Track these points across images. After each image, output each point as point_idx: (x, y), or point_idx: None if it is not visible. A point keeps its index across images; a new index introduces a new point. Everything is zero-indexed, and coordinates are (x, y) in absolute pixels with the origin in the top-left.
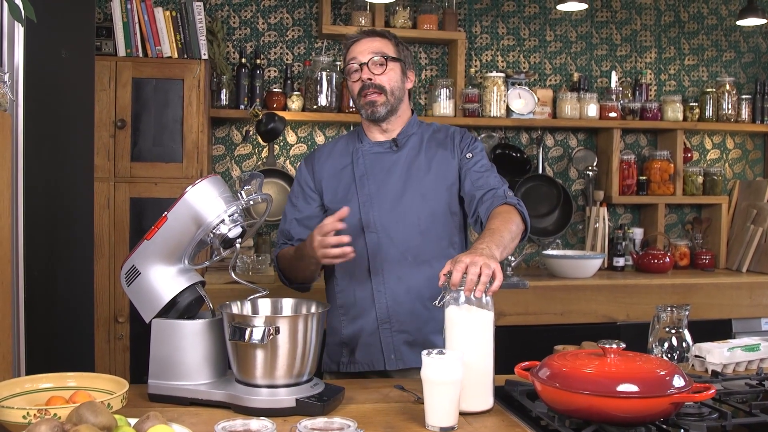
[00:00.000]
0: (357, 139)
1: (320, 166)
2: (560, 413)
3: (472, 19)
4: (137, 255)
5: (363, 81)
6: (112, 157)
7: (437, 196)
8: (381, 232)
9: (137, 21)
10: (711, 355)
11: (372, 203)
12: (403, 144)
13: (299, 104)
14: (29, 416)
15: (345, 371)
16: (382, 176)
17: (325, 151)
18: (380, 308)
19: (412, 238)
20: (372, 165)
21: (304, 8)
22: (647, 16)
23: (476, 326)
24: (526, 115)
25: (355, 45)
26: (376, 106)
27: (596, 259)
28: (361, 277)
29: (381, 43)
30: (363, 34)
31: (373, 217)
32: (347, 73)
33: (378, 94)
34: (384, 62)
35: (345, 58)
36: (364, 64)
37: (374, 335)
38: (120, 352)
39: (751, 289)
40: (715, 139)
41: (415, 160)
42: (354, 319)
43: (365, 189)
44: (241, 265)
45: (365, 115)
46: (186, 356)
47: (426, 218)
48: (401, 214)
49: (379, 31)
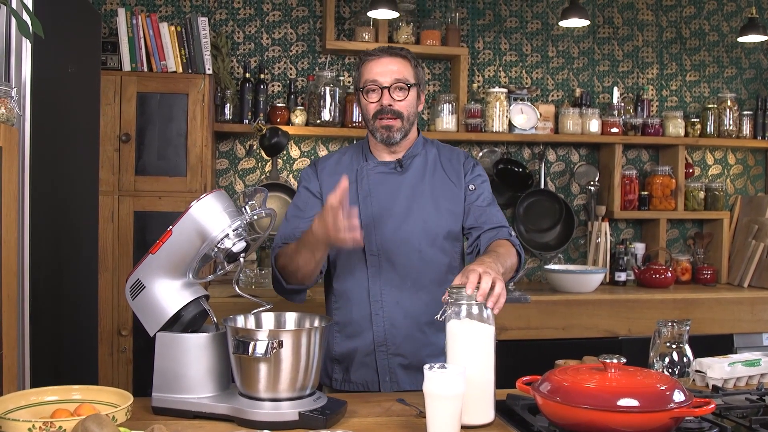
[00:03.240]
0: (362, 156)
1: (326, 178)
2: (561, 427)
3: (474, 35)
4: (142, 269)
5: (381, 105)
6: (116, 170)
7: (439, 222)
8: (382, 255)
9: (142, 36)
10: (712, 370)
11: (374, 225)
12: (408, 166)
13: (303, 119)
14: (35, 429)
15: (339, 388)
16: (386, 198)
17: (330, 164)
18: (377, 331)
19: (413, 263)
20: (376, 186)
21: (308, 24)
22: (649, 33)
23: (477, 340)
24: (528, 130)
25: (375, 63)
26: (392, 131)
27: (598, 273)
28: (360, 298)
29: (402, 66)
30: (383, 53)
31: (375, 240)
32: (363, 91)
33: (395, 119)
34: (405, 88)
35: (361, 75)
36: (386, 88)
37: (370, 356)
38: (123, 365)
39: (752, 304)
40: (717, 154)
41: (420, 183)
42: (349, 338)
43: (368, 210)
44: (244, 279)
45: (379, 138)
46: (190, 369)
47: (427, 244)
48: (403, 238)
49: (400, 51)
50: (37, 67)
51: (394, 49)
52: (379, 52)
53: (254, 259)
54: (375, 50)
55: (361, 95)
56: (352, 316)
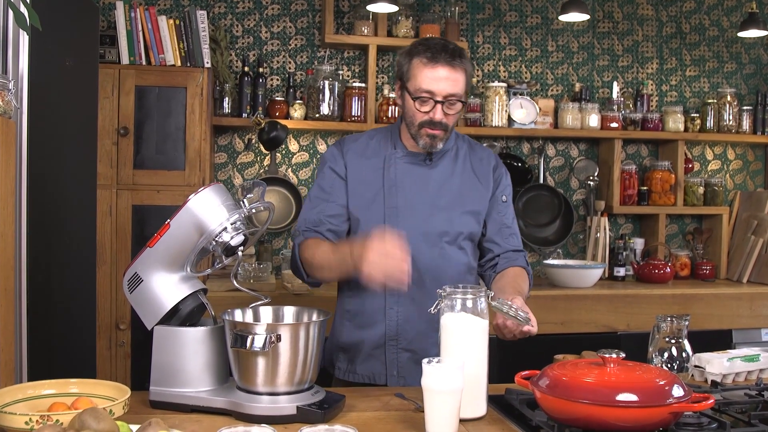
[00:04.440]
0: (390, 142)
1: (352, 160)
2: (560, 422)
3: (474, 29)
4: (140, 262)
5: (431, 118)
6: (114, 164)
7: (463, 222)
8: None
9: (141, 29)
10: (711, 366)
11: (398, 216)
12: (437, 159)
13: (301, 113)
14: (32, 422)
15: (342, 378)
16: (412, 190)
17: (357, 147)
18: (390, 324)
19: (434, 260)
20: (403, 176)
21: (307, 17)
22: (649, 27)
23: (471, 333)
24: (527, 124)
25: (432, 70)
26: (435, 140)
27: (597, 268)
28: (373, 290)
29: (459, 77)
30: (443, 61)
31: (396, 231)
32: (412, 93)
33: (441, 130)
34: (458, 103)
35: (412, 76)
36: (440, 102)
37: (379, 349)
38: (121, 359)
39: (751, 300)
40: (716, 149)
41: (448, 179)
42: (359, 328)
43: (393, 200)
44: (242, 272)
45: (422, 145)
46: (188, 363)
47: (449, 242)
48: (426, 234)
49: (459, 59)
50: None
51: (453, 56)
52: (437, 55)
53: (252, 253)
54: (433, 50)
55: (409, 97)
56: (365, 306)
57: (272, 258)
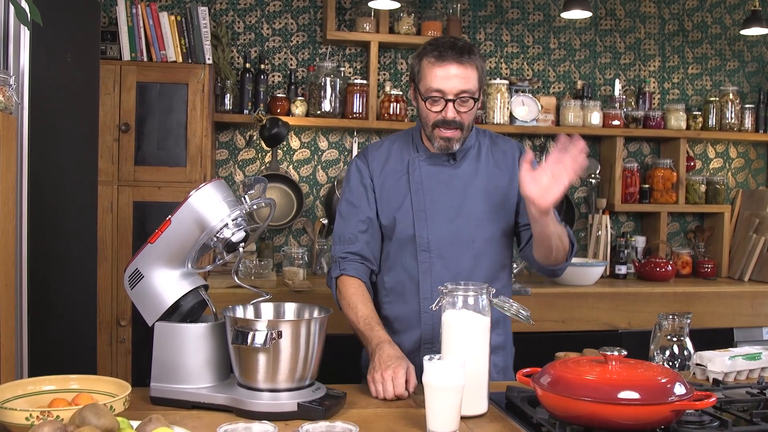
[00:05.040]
0: (412, 145)
1: (377, 167)
2: (561, 420)
3: (476, 26)
4: (141, 258)
5: (444, 117)
6: (115, 160)
7: (493, 219)
8: (434, 251)
9: (142, 25)
10: (712, 364)
11: (426, 219)
12: (460, 159)
13: (303, 109)
14: (32, 418)
15: None
16: (438, 191)
17: (380, 154)
18: (425, 329)
19: (465, 261)
20: (428, 178)
21: (309, 14)
22: (651, 25)
23: (473, 330)
24: (529, 122)
25: (441, 69)
26: (451, 142)
27: (598, 266)
28: (410, 294)
29: (469, 74)
30: (451, 59)
31: (426, 234)
32: (423, 93)
33: (456, 130)
34: (470, 100)
35: (423, 76)
36: (451, 101)
37: (414, 353)
38: (122, 355)
39: (752, 298)
40: (718, 148)
41: (473, 177)
42: (395, 334)
43: (420, 203)
44: (243, 269)
45: (437, 147)
46: (188, 360)
47: (481, 241)
48: (455, 234)
49: (468, 54)
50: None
51: (461, 53)
52: (445, 54)
53: (253, 250)
54: (441, 48)
55: (420, 99)
56: (401, 311)
57: (273, 255)
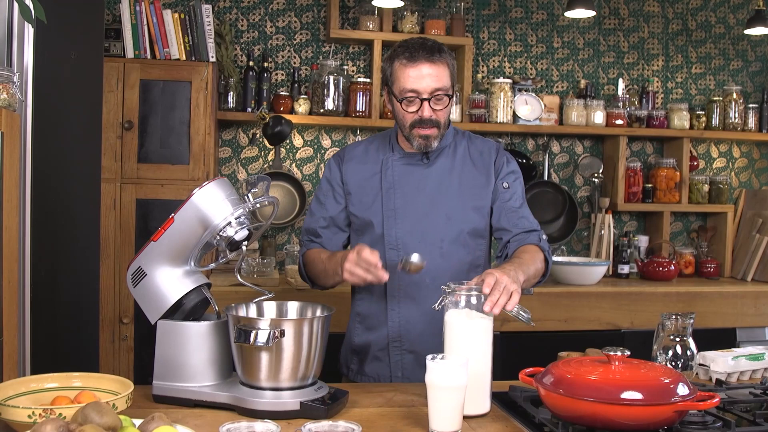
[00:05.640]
0: (389, 146)
1: (350, 168)
2: (564, 420)
3: (479, 25)
4: (143, 256)
5: (421, 116)
6: (119, 158)
7: (464, 218)
8: (401, 249)
9: (146, 23)
10: (715, 364)
11: (395, 218)
12: (434, 158)
13: (306, 108)
14: (34, 416)
15: (353, 379)
16: (410, 191)
17: (356, 154)
18: (392, 326)
19: (432, 260)
20: (400, 178)
21: (312, 12)
22: (655, 24)
23: (475, 331)
24: (532, 121)
25: (413, 69)
26: (429, 140)
27: (601, 266)
28: (378, 292)
29: (441, 72)
30: (421, 58)
31: (395, 233)
32: (398, 95)
33: (432, 128)
34: (444, 98)
35: (396, 78)
36: (425, 100)
37: (384, 351)
38: (124, 353)
39: (755, 298)
40: (722, 147)
41: (446, 177)
42: (367, 330)
43: (390, 202)
44: (246, 267)
45: (416, 146)
46: (191, 358)
47: (449, 240)
48: (423, 233)
49: (438, 53)
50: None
51: (432, 52)
52: (416, 54)
53: (256, 248)
54: (411, 49)
55: (395, 101)
56: (371, 308)
57: (276, 253)
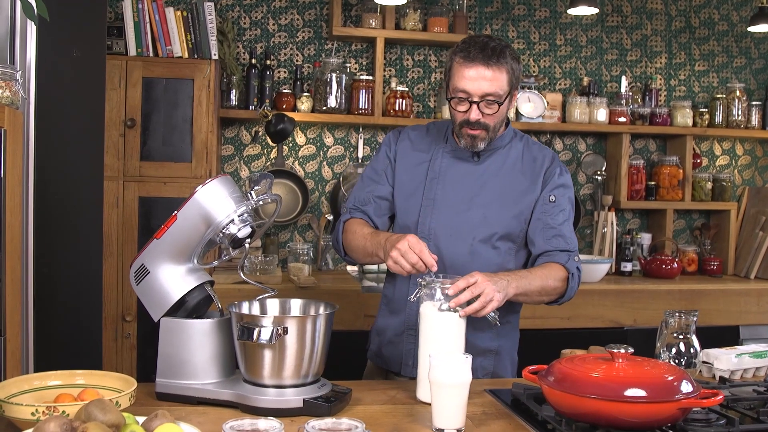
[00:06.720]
0: (443, 137)
1: (404, 149)
2: (567, 417)
3: (482, 22)
4: (146, 254)
5: (469, 118)
6: (121, 156)
7: (500, 221)
8: (431, 240)
9: (148, 21)
10: (719, 362)
11: (432, 209)
12: (485, 157)
13: (309, 105)
14: (38, 413)
15: (371, 358)
16: (453, 184)
17: (413, 136)
18: (410, 315)
19: (460, 257)
20: (447, 169)
21: (315, 10)
22: (658, 22)
23: (447, 324)
24: (535, 119)
25: (468, 69)
26: (476, 140)
27: (604, 263)
28: (403, 278)
29: (497, 76)
30: (478, 57)
31: (428, 224)
32: (450, 92)
33: (480, 130)
34: (496, 103)
35: (452, 75)
36: (475, 103)
37: (399, 337)
38: (127, 351)
39: (759, 296)
40: (725, 145)
41: (492, 179)
42: (389, 314)
43: (431, 192)
44: (249, 265)
45: (463, 144)
46: (194, 355)
47: (480, 240)
48: (456, 228)
49: (498, 56)
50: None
51: (490, 56)
52: (473, 54)
53: (259, 246)
54: (470, 48)
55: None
56: (395, 293)
57: (279, 251)
